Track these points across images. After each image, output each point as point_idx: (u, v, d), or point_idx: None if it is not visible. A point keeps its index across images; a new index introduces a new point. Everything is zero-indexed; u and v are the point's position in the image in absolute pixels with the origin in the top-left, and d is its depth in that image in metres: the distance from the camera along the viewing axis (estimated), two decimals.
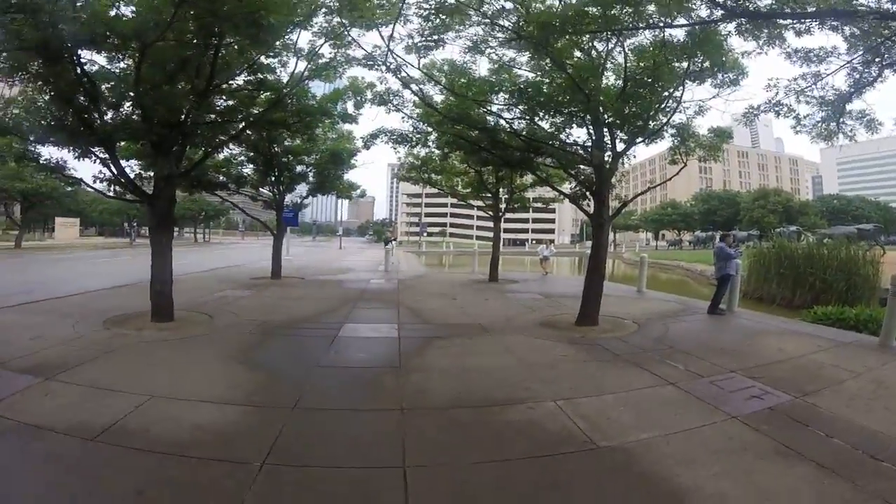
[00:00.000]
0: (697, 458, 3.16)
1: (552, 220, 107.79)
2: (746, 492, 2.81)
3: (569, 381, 4.63)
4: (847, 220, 49.42)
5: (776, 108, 6.43)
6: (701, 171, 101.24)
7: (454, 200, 18.22)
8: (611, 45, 7.01)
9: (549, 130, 8.04)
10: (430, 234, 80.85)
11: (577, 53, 7.03)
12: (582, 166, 8.07)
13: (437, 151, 12.48)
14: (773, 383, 4.69)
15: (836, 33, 5.66)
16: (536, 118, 8.13)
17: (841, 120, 6.49)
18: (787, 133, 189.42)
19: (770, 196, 58.15)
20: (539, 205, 17.47)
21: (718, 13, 5.39)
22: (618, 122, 7.25)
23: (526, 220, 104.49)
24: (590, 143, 7.60)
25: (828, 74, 6.13)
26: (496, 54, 7.47)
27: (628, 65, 7.01)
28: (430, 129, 10.31)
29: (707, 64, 6.80)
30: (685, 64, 6.84)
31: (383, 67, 7.58)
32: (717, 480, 2.89)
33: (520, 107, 7.99)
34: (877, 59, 5.77)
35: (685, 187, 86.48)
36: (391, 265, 18.95)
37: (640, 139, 7.48)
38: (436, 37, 6.79)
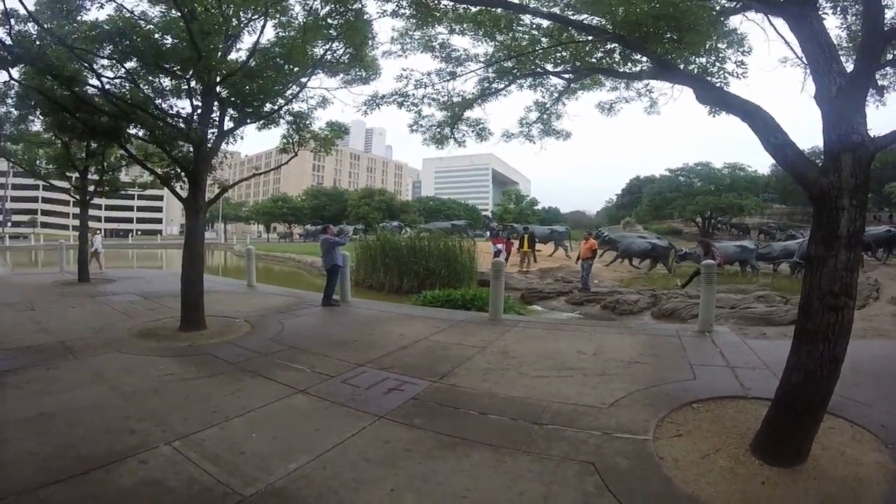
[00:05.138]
0: (365, 475, 2.73)
1: (160, 209, 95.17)
2: (440, 500, 2.49)
3: (181, 411, 3.68)
4: (441, 218, 55.11)
5: (401, 100, 6.03)
6: (314, 168, 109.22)
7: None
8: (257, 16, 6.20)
9: (149, 94, 6.40)
10: (15, 225, 62.99)
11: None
12: (181, 142, 6.79)
13: (15, 112, 8.75)
14: (406, 371, 4.53)
15: (490, 40, 5.45)
16: (142, 83, 6.41)
17: (456, 125, 6.37)
18: (397, 141, 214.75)
19: (375, 195, 64.04)
20: (136, 190, 15.03)
21: None
22: (233, 98, 6.49)
23: (130, 209, 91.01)
24: (195, 117, 6.44)
25: (461, 75, 5.86)
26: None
27: (262, 40, 6.36)
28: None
29: (346, 57, 6.67)
30: (320, 51, 6.49)
31: None
32: (400, 496, 2.52)
33: (128, 64, 6.17)
34: (509, 73, 5.64)
35: (298, 182, 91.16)
36: None
37: (251, 120, 6.89)
38: None
